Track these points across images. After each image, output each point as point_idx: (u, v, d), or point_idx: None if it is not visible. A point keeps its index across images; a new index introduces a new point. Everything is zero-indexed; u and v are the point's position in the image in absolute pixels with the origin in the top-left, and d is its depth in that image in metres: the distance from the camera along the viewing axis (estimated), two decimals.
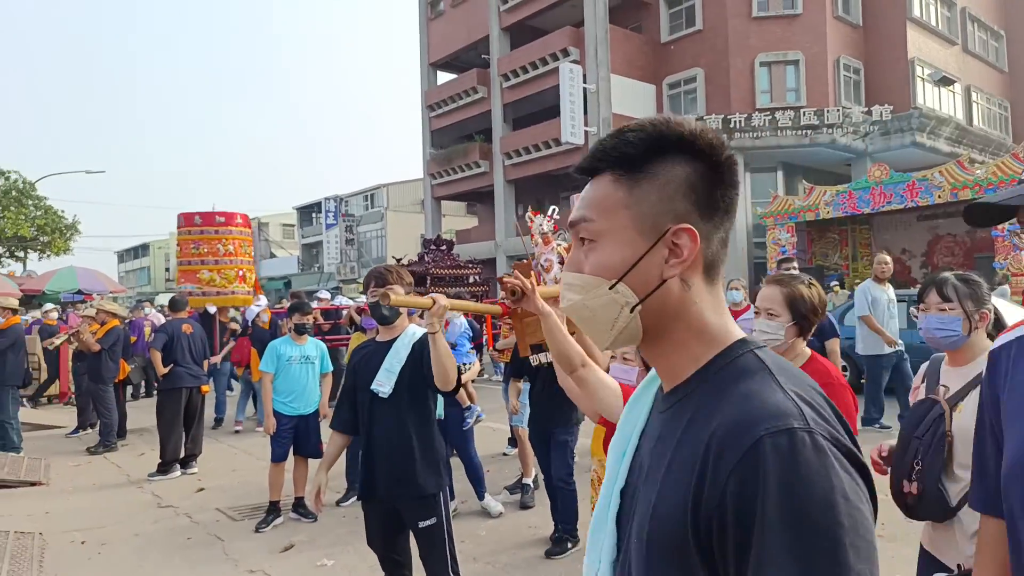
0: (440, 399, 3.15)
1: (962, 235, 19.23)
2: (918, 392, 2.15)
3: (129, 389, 10.15)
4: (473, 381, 5.81)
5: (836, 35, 22.70)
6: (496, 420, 7.95)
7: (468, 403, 5.26)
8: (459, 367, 5.39)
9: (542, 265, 3.53)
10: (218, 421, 9.11)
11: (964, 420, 1.86)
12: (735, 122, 21.36)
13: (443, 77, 30.59)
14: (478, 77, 26.90)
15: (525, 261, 3.43)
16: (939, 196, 16.39)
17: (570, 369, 1.90)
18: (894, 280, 19.40)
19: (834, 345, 5.06)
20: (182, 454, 6.76)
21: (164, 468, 6.55)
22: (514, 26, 26.19)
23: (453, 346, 5.31)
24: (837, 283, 17.08)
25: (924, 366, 2.19)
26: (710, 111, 22.22)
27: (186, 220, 7.99)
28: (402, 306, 2.48)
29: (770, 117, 21.22)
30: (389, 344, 2.95)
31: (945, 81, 24.54)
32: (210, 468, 6.84)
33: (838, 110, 21.23)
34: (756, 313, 2.29)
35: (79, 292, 19.54)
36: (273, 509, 5.10)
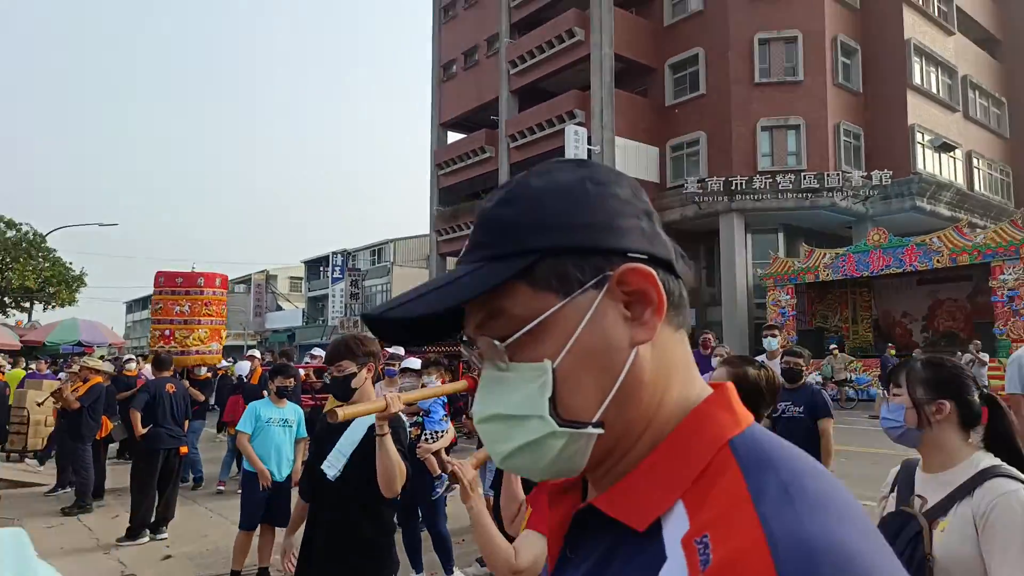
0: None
1: (963, 300, 19.12)
2: (886, 503, 1.92)
3: (115, 446, 10.05)
4: (449, 450, 5.71)
5: (837, 101, 23.09)
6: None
7: (439, 471, 5.16)
8: (430, 434, 5.33)
9: None
10: (197, 481, 8.97)
11: (949, 542, 1.60)
12: (737, 184, 21.58)
13: (452, 136, 31.28)
14: (486, 137, 27.49)
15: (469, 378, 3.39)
16: (938, 261, 16.37)
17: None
18: (895, 344, 19.35)
19: (826, 425, 4.83)
20: (153, 518, 6.62)
21: (133, 533, 6.40)
22: (523, 88, 26.89)
23: (427, 412, 5.21)
24: (836, 346, 16.96)
25: (894, 470, 1.96)
26: (712, 173, 22.48)
27: (165, 279, 8.05)
28: (350, 417, 2.36)
29: (771, 180, 21.43)
30: (349, 422, 2.83)
31: (945, 147, 24.78)
32: (181, 533, 6.69)
33: (838, 174, 21.42)
34: None
35: (79, 344, 19.63)
36: None
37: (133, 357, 12.05)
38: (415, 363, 5.83)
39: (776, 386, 2.31)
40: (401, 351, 8.27)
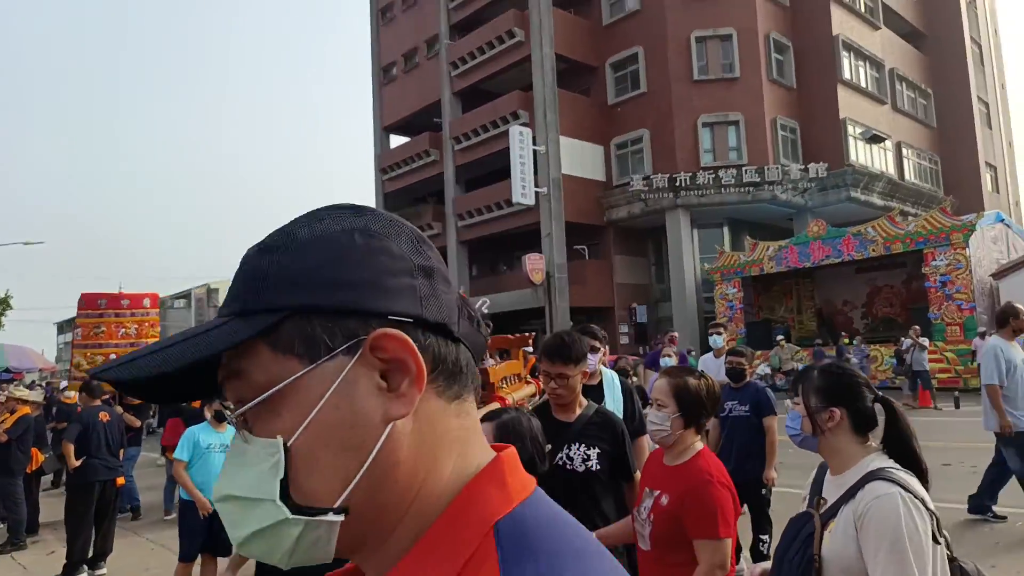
0: None
1: (899, 286, 19.88)
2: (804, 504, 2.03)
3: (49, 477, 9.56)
4: None
5: (772, 97, 23.72)
6: None
7: None
8: None
9: None
10: (135, 511, 8.57)
11: (834, 543, 1.66)
12: (681, 180, 21.94)
13: (396, 140, 30.93)
14: (430, 140, 27.28)
15: None
16: (873, 250, 16.98)
17: None
18: (838, 333, 20.02)
19: (771, 422, 4.89)
20: (91, 553, 6.30)
21: (70, 570, 6.08)
22: (465, 90, 26.77)
23: None
24: (783, 337, 17.43)
25: (813, 472, 2.05)
26: (656, 170, 22.81)
27: (88, 302, 7.67)
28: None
29: (714, 175, 21.87)
30: None
31: (876, 138, 25.72)
32: (121, 566, 6.39)
33: (777, 167, 22.01)
34: (649, 404, 2.32)
35: (7, 370, 18.68)
36: None
37: (69, 383, 11.49)
38: None
39: (717, 395, 2.34)
40: None
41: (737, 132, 23.24)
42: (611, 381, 3.72)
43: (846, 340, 16.33)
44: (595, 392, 3.64)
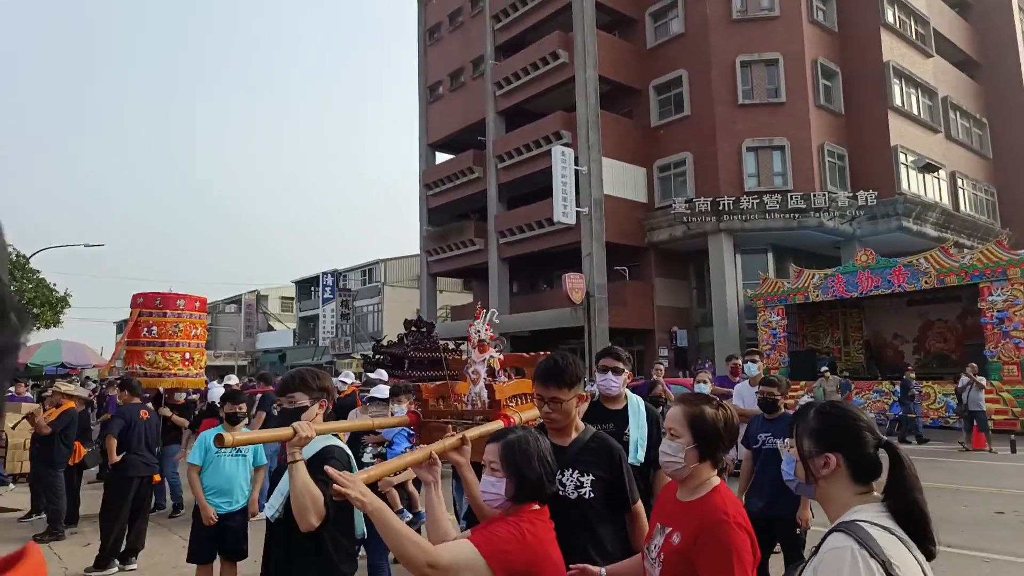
0: (359, 518, 2.86)
1: (953, 321, 19.13)
2: None
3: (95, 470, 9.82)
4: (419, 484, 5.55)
5: (819, 122, 23.32)
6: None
7: (399, 507, 4.95)
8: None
9: (470, 376, 3.39)
10: (176, 508, 8.76)
11: None
12: (724, 204, 21.67)
13: (441, 157, 31.37)
14: (474, 158, 27.58)
15: (432, 385, 3.30)
16: (925, 282, 16.41)
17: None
18: (886, 365, 19.31)
19: None
20: (123, 548, 6.43)
21: (102, 563, 6.21)
22: (509, 110, 27.04)
23: (390, 443, 5.05)
24: (827, 368, 16.90)
25: None
26: (699, 193, 22.59)
27: (145, 301, 7.88)
28: (241, 444, 2.29)
29: (758, 200, 21.54)
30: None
31: (929, 168, 25.02)
32: (152, 563, 6.50)
33: (824, 194, 21.55)
34: (663, 433, 2.17)
35: (63, 366, 19.37)
36: None
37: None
38: (383, 391, 5.67)
39: (736, 427, 2.18)
40: (384, 375, 8.15)
41: (783, 157, 22.89)
42: (636, 407, 3.59)
43: (912, 375, 15.61)
44: (619, 417, 3.52)
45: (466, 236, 27.76)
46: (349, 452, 2.80)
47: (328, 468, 1.93)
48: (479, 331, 3.54)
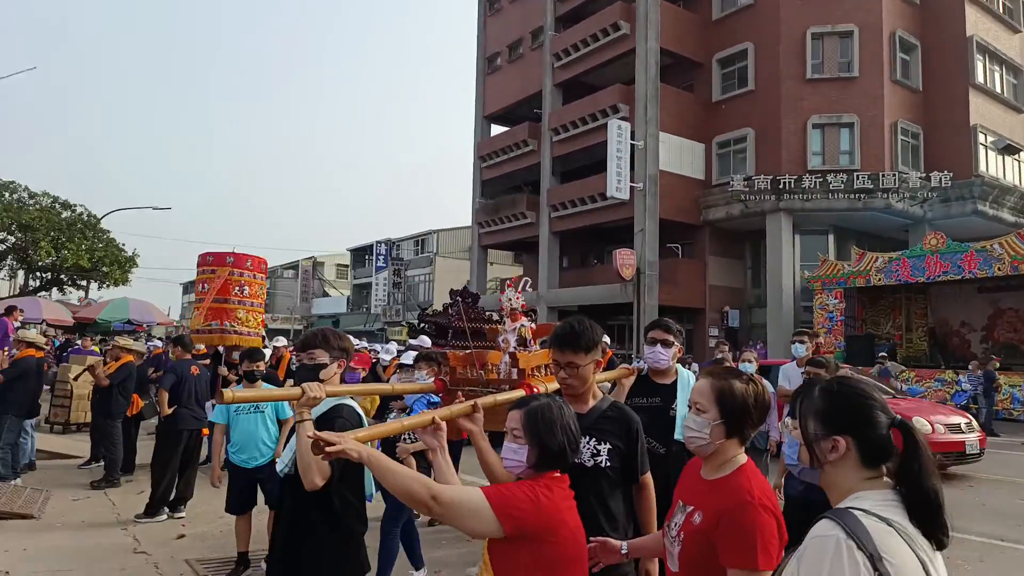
0: (369, 478, 2.85)
1: None
2: None
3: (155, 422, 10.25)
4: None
5: (894, 99, 22.18)
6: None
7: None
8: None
9: (500, 345, 3.32)
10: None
11: None
12: (785, 183, 20.95)
13: (496, 130, 31.21)
14: (529, 130, 27.33)
15: (461, 353, 3.22)
16: (999, 268, 15.55)
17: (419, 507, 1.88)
18: (952, 355, 18.50)
19: None
20: (172, 496, 6.71)
21: (151, 510, 6.49)
22: (566, 82, 26.62)
23: (409, 409, 5.00)
24: (885, 354, 16.25)
25: None
26: (759, 171, 21.88)
27: (212, 259, 8.04)
28: (241, 401, 2.27)
29: (821, 179, 20.75)
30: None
31: (1010, 149, 23.58)
32: (199, 513, 6.76)
33: (894, 174, 20.59)
34: (689, 407, 2.05)
35: (129, 322, 20.26)
36: (242, 561, 4.97)
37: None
38: (409, 357, 5.69)
39: (766, 403, 2.04)
40: (427, 341, 8.19)
41: (851, 135, 21.89)
42: (686, 381, 3.48)
43: (997, 364, 14.79)
44: (666, 391, 3.44)
45: (518, 209, 27.66)
46: (360, 412, 2.77)
47: (314, 431, 1.90)
48: (510, 299, 3.48)
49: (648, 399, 3.42)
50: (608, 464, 2.48)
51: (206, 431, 7.32)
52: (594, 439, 2.50)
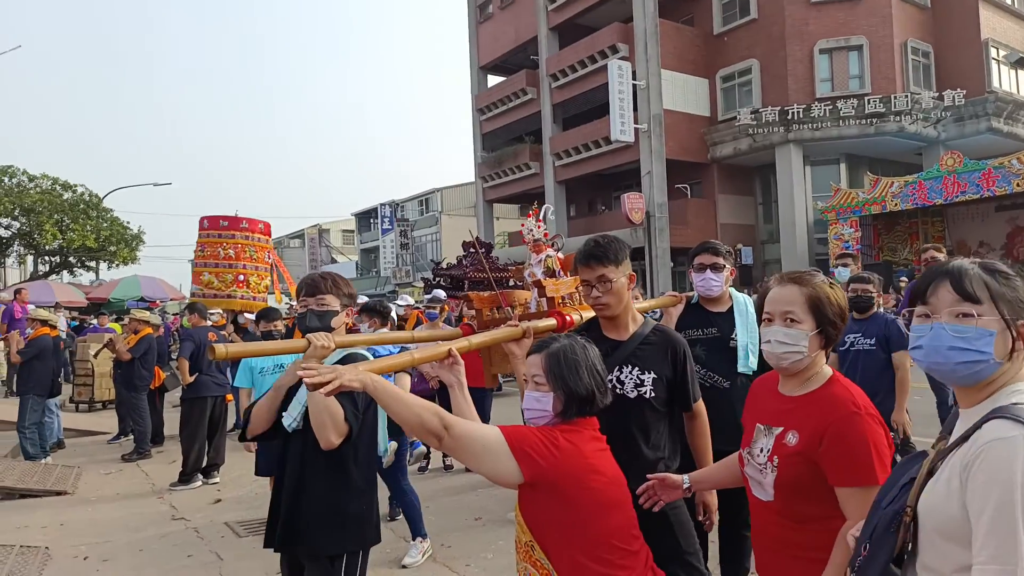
0: (383, 434, 2.64)
1: None
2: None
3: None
4: None
5: (903, 17, 21.41)
6: None
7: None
8: None
9: (527, 279, 3.13)
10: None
11: (934, 495, 1.21)
12: (793, 113, 20.46)
13: (493, 80, 30.49)
14: (527, 78, 26.68)
15: (486, 294, 3.02)
16: (1018, 185, 15.22)
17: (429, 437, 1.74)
18: None
19: (902, 358, 4.33)
20: (204, 463, 6.71)
21: (185, 478, 6.50)
22: (562, 25, 25.85)
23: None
24: (906, 279, 16.01)
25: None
26: (766, 103, 21.34)
27: (210, 223, 7.92)
28: (236, 356, 2.03)
29: (831, 107, 20.23)
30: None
31: (1022, 63, 22.80)
32: (233, 478, 6.77)
33: (906, 96, 20.03)
34: (767, 319, 1.80)
35: (142, 299, 20.26)
36: None
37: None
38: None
39: (846, 306, 1.84)
40: (442, 294, 8.04)
41: (860, 58, 21.21)
42: (743, 307, 3.16)
43: None
44: (723, 320, 3.14)
45: (521, 160, 27.21)
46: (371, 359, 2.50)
47: (302, 365, 1.68)
48: (531, 230, 3.27)
49: (703, 330, 3.13)
50: (653, 395, 2.30)
51: (230, 397, 7.30)
52: (636, 368, 2.31)
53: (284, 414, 2.35)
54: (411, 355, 2.02)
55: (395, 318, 9.00)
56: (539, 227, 3.28)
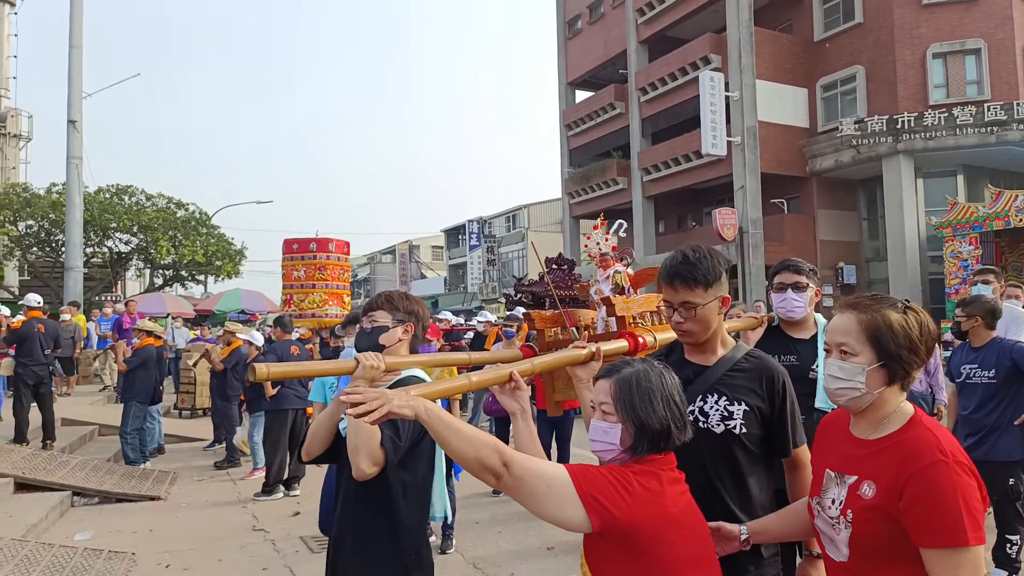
0: (440, 492, 2.31)
1: None
2: None
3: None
4: None
5: None
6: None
7: None
8: None
9: (593, 297, 2.92)
10: None
11: None
12: (903, 122, 19.17)
13: (581, 95, 30.40)
14: (615, 93, 26.42)
15: (548, 312, 2.83)
16: None
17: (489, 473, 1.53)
18: None
19: None
20: (286, 475, 6.82)
21: (268, 489, 6.63)
22: (652, 38, 25.46)
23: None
24: None
25: None
26: (872, 112, 20.11)
27: (287, 247, 8.20)
28: (278, 378, 1.86)
29: (946, 114, 18.81)
30: None
31: None
32: (312, 490, 6.81)
33: None
34: (827, 351, 1.61)
35: (243, 312, 21.30)
36: None
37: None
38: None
39: (933, 334, 1.57)
40: (519, 312, 7.92)
41: (978, 62, 19.66)
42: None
43: None
44: (805, 348, 2.85)
45: (608, 175, 26.87)
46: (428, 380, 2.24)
47: (346, 390, 1.50)
48: (598, 243, 3.05)
49: (781, 357, 2.74)
50: (744, 431, 1.92)
51: (310, 410, 7.41)
52: (724, 397, 1.94)
53: (342, 425, 2.18)
54: (469, 378, 1.84)
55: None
56: (606, 240, 3.08)
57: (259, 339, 7.91)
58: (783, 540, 1.97)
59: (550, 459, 1.71)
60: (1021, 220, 16.23)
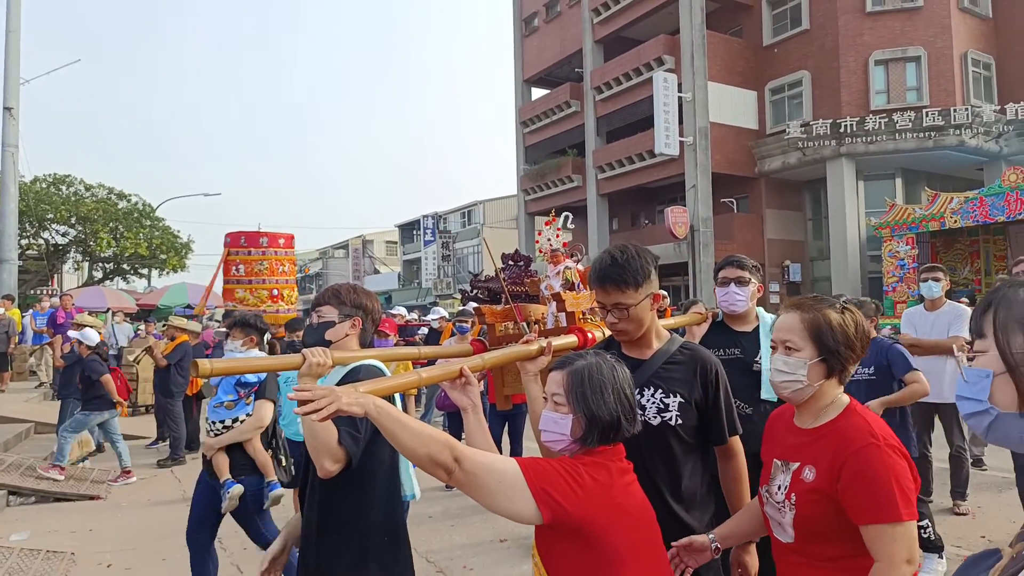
0: (408, 473, 2.23)
1: None
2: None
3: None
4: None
5: (963, 28, 20.62)
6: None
7: (226, 475, 3.86)
8: (211, 424, 3.84)
9: (543, 292, 2.92)
10: None
11: None
12: (846, 126, 19.83)
13: (537, 93, 30.52)
14: (571, 91, 26.61)
15: (498, 307, 2.83)
16: None
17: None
18: None
19: (914, 376, 3.97)
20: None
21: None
22: (608, 38, 25.72)
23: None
24: (967, 300, 15.24)
25: None
26: (817, 116, 20.75)
27: (232, 240, 8.02)
28: (220, 374, 1.81)
29: (886, 119, 19.53)
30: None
31: None
32: None
33: (967, 109, 19.21)
34: (772, 347, 1.72)
35: (189, 306, 20.69)
36: None
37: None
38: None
39: (866, 332, 1.70)
40: (472, 307, 7.91)
41: (918, 69, 20.47)
42: (771, 328, 2.96)
43: None
44: (748, 340, 2.92)
45: (563, 173, 27.07)
46: (387, 373, 2.17)
47: (294, 389, 1.46)
48: (549, 239, 3.08)
49: (724, 350, 2.88)
50: (680, 422, 1.98)
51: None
52: (660, 390, 1.99)
53: (280, 420, 2.16)
54: (419, 375, 1.84)
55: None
56: (557, 236, 3.10)
57: (92, 338, 7.16)
58: (749, 539, 2.02)
59: (502, 454, 1.71)
60: (956, 222, 16.98)
